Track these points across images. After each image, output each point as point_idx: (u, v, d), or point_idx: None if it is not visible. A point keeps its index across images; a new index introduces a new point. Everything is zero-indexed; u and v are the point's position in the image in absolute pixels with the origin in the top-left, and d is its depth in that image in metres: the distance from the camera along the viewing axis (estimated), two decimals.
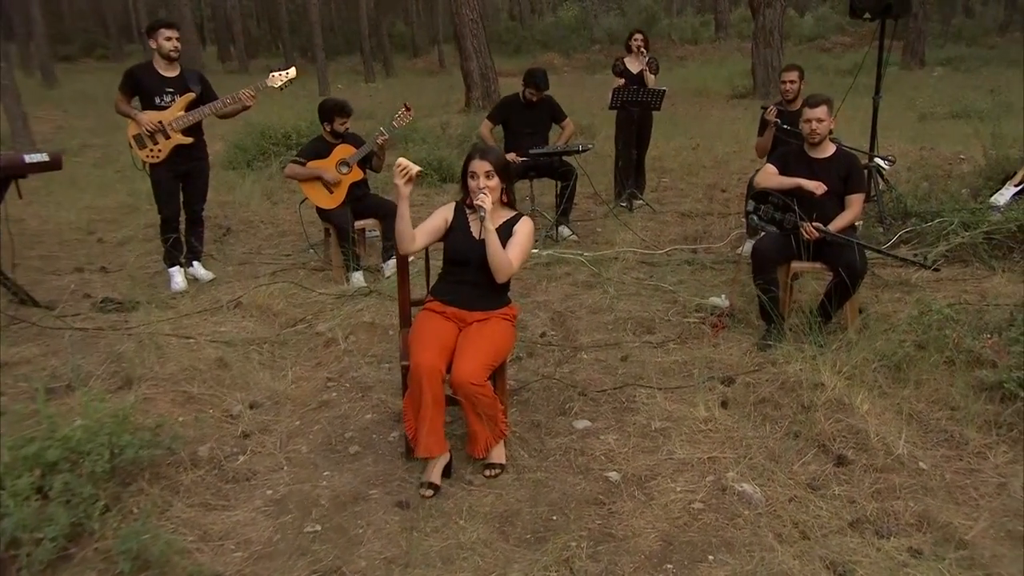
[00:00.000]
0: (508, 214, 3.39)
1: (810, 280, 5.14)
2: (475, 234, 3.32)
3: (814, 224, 4.30)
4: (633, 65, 7.48)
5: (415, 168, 3.12)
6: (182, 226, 5.73)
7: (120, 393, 3.87)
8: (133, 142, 5.28)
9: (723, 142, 10.73)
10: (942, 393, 3.68)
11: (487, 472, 3.22)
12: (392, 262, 5.88)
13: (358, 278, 5.68)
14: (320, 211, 5.89)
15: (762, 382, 3.93)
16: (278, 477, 3.26)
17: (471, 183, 3.25)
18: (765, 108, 5.98)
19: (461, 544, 2.79)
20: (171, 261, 5.67)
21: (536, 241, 6.35)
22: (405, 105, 6.13)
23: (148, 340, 4.47)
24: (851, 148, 6.11)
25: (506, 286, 3.39)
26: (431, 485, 3.10)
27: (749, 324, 4.67)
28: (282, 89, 5.67)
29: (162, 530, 2.82)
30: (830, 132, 4.56)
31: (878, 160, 6.34)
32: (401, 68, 30.12)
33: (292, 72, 5.63)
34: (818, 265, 4.44)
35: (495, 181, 3.27)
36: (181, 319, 4.91)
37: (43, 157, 5.14)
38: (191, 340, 4.55)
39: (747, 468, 3.21)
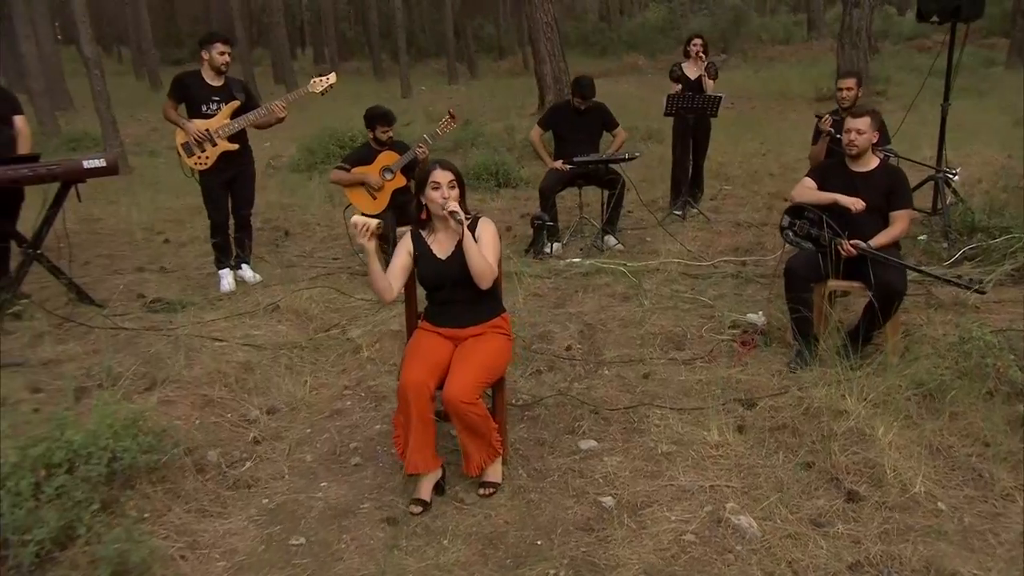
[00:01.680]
0: (466, 221, 3.35)
1: (858, 299, 4.89)
2: (439, 255, 3.28)
3: (852, 241, 4.09)
4: (691, 71, 7.30)
5: (373, 223, 3.11)
6: (232, 230, 5.90)
7: (146, 394, 4.00)
8: (181, 150, 5.46)
9: (794, 148, 10.34)
10: (977, 427, 3.43)
11: (481, 491, 3.18)
12: None
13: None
14: (366, 216, 5.95)
15: (784, 407, 3.75)
16: (277, 486, 3.31)
17: (434, 193, 3.21)
18: (820, 117, 5.73)
19: (439, 565, 2.76)
20: (220, 263, 5.85)
21: (580, 251, 6.29)
22: (450, 113, 6.15)
23: (183, 342, 4.61)
24: (912, 161, 5.84)
25: (495, 294, 3.35)
26: (420, 502, 3.08)
27: (784, 344, 4.48)
28: (323, 94, 5.78)
29: (154, 536, 2.91)
30: (881, 146, 4.33)
31: (944, 171, 6.00)
32: (486, 70, 30.29)
33: (332, 77, 5.73)
34: (856, 284, 4.22)
35: (457, 191, 3.24)
36: (218, 321, 5.05)
37: (100, 162, 5.37)
38: (224, 343, 4.67)
39: (750, 500, 3.07)
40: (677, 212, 7.32)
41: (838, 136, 5.45)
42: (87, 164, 5.31)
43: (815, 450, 3.37)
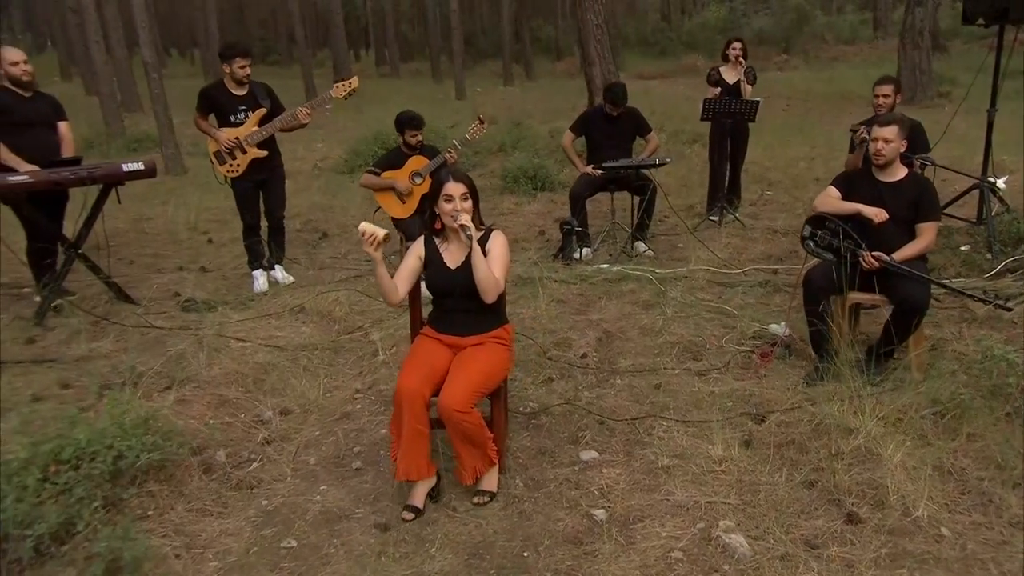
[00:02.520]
0: (479, 233, 3.34)
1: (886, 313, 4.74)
2: (450, 264, 3.30)
3: (874, 253, 3.97)
4: (730, 75, 7.19)
5: (381, 232, 3.12)
6: (265, 232, 6.03)
7: (165, 393, 4.11)
8: (214, 159, 5.61)
9: (844, 153, 10.04)
10: (993, 450, 3.30)
11: (475, 499, 3.19)
12: None
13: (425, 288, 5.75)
14: (394, 220, 6.03)
15: (795, 422, 3.66)
16: (278, 488, 3.37)
17: (446, 206, 3.23)
18: (855, 131, 5.56)
19: (423, 573, 2.78)
20: (253, 264, 5.99)
21: (609, 256, 6.25)
22: (479, 119, 6.18)
23: (208, 342, 4.73)
24: (949, 169, 5.64)
25: (499, 305, 3.35)
26: (412, 508, 3.11)
27: (805, 357, 4.38)
28: (346, 99, 5.87)
29: (152, 534, 3.00)
30: (920, 153, 4.19)
31: (991, 179, 5.77)
32: (543, 71, 30.30)
33: (355, 82, 5.81)
34: (878, 297, 4.09)
35: (469, 203, 3.24)
36: (245, 322, 5.16)
37: (139, 166, 5.55)
38: (247, 343, 4.78)
39: (745, 517, 3.01)
40: (713, 218, 7.21)
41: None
42: (126, 168, 5.50)
43: (820, 468, 3.28)
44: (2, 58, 5.42)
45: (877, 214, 4.01)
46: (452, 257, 3.31)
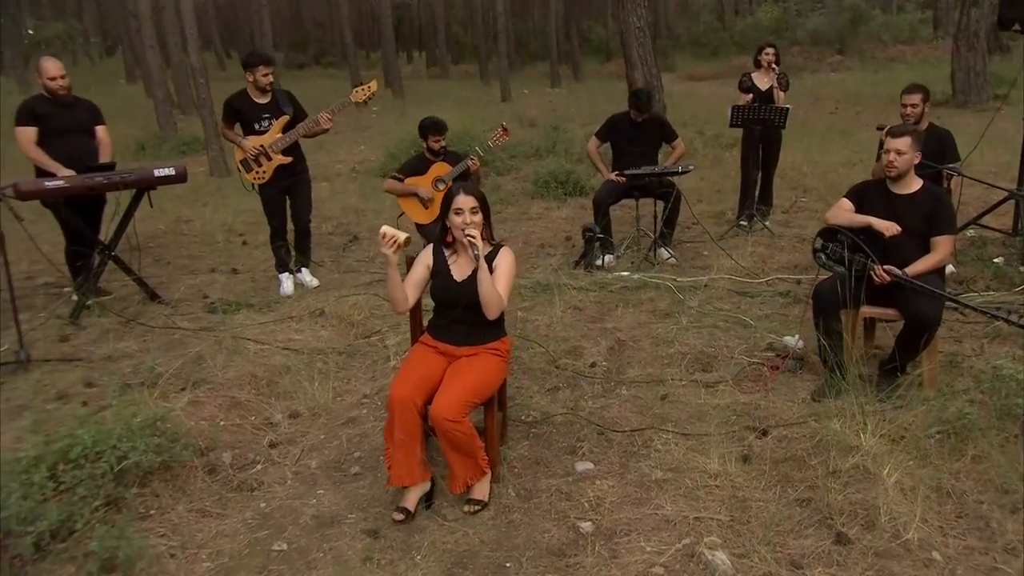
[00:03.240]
0: (488, 248, 3.36)
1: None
2: (456, 277, 3.33)
3: (886, 267, 3.89)
4: (762, 81, 7.10)
5: (402, 236, 3.16)
6: (292, 236, 6.16)
7: (181, 394, 4.24)
8: (241, 167, 5.75)
9: None
10: (998, 472, 3.21)
11: (466, 508, 3.22)
12: None
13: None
14: (417, 225, 6.11)
15: (797, 438, 3.62)
16: (277, 490, 3.45)
17: (456, 219, 3.26)
18: (882, 128, 5.45)
19: None
20: (281, 267, 6.12)
21: (631, 264, 6.22)
22: (503, 127, 6.21)
23: (228, 344, 4.85)
24: (978, 180, 5.48)
25: (499, 319, 3.37)
26: (403, 509, 3.15)
27: (817, 370, 4.31)
28: (366, 103, 5.95)
29: (151, 534, 3.10)
30: (948, 163, 4.08)
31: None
32: (592, 72, 30.21)
33: (373, 86, 5.88)
34: (890, 312, 4.01)
35: (479, 217, 3.27)
36: (267, 324, 5.28)
37: (170, 171, 5.73)
38: (265, 346, 4.89)
39: (733, 534, 2.99)
40: (742, 224, 7.12)
41: None
42: (158, 173, 5.68)
43: (815, 486, 3.23)
44: (41, 71, 5.64)
45: (888, 227, 3.93)
46: (459, 270, 3.34)
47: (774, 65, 7.02)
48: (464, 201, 3.24)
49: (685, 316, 5.15)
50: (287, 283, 6.08)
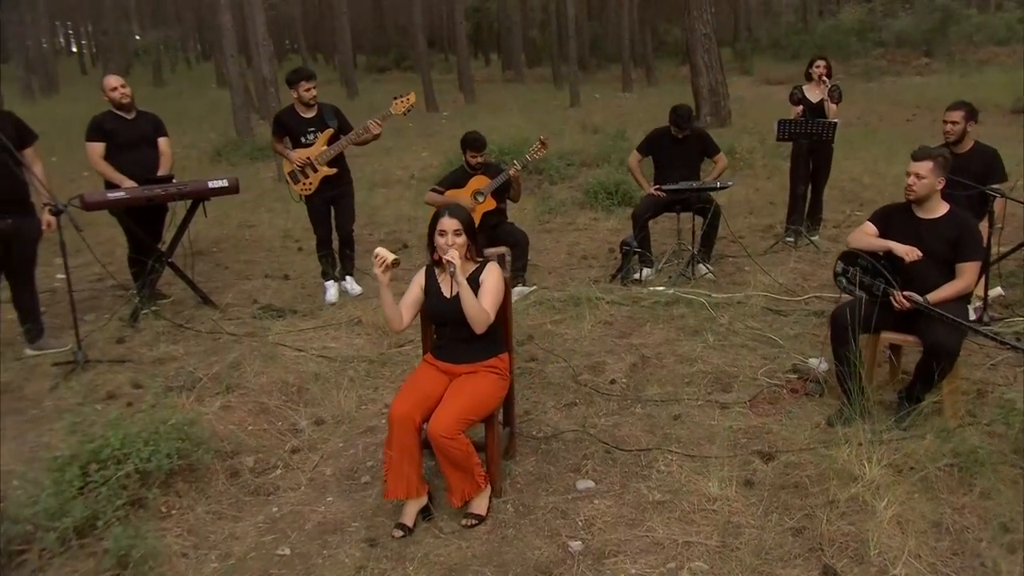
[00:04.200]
0: (473, 266, 3.47)
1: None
2: (446, 293, 3.44)
3: (905, 293, 3.83)
4: (813, 94, 7.00)
5: (391, 257, 3.31)
6: (336, 245, 6.40)
7: (216, 398, 4.47)
8: (288, 178, 6.01)
9: None
10: (1003, 509, 3.14)
11: (464, 521, 3.33)
12: (519, 288, 6.09)
13: None
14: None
15: (804, 464, 3.60)
16: (290, 496, 3.62)
17: (439, 240, 3.38)
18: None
19: None
20: (326, 275, 6.36)
21: (669, 278, 6.22)
22: (541, 140, 6.29)
23: (266, 350, 5.08)
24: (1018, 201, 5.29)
25: (495, 335, 3.47)
26: (402, 526, 3.28)
27: (838, 394, 4.25)
28: (405, 114, 6.11)
29: (168, 533, 3.30)
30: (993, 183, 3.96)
31: None
32: (667, 75, 29.93)
33: (412, 97, 6.06)
34: (910, 338, 3.94)
35: (463, 238, 3.38)
36: (307, 331, 5.50)
37: (223, 183, 6.02)
38: (302, 353, 5.11)
39: (720, 560, 3.01)
40: (788, 239, 7.02)
41: None
42: (211, 184, 5.98)
43: (813, 515, 3.22)
44: (104, 85, 6.02)
45: (908, 252, 3.86)
46: (448, 287, 3.46)
47: (825, 78, 6.90)
48: (448, 223, 3.36)
49: (713, 334, 5.14)
50: (331, 291, 6.31)
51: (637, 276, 6.30)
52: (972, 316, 5.13)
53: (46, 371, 5.07)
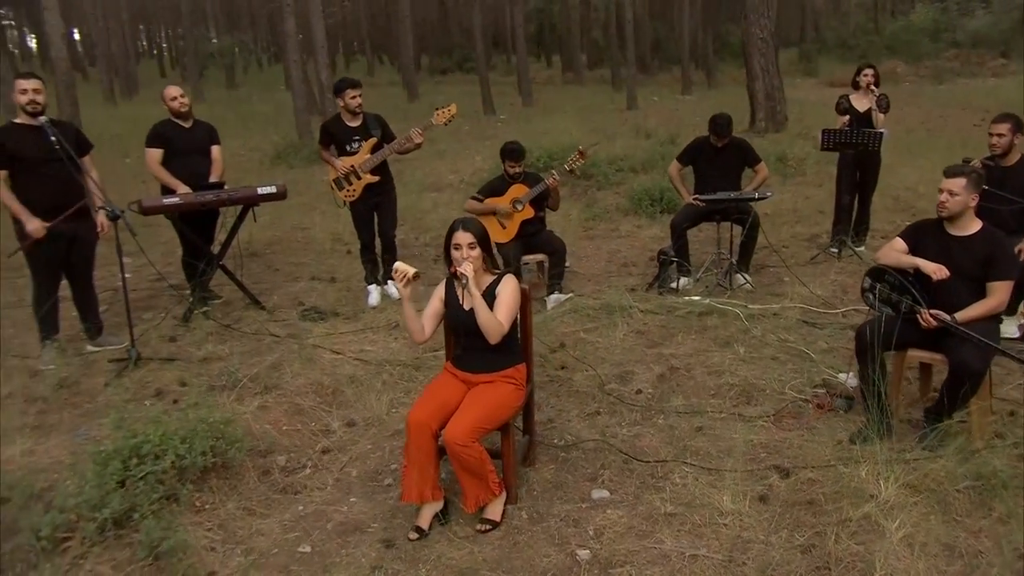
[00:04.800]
0: (491, 278, 3.56)
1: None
2: (464, 305, 3.54)
3: (932, 311, 3.79)
4: (861, 103, 6.89)
5: (411, 271, 3.43)
6: (379, 250, 6.57)
7: (255, 398, 4.67)
8: (333, 185, 6.21)
9: None
10: (1020, 535, 3.10)
11: (478, 527, 3.43)
12: (556, 295, 6.17)
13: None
14: (496, 244, 6.36)
15: (822, 481, 3.60)
16: (316, 495, 3.78)
17: (455, 253, 3.48)
18: (968, 161, 5.21)
19: None
20: (369, 279, 6.55)
21: (706, 288, 6.21)
22: (580, 150, 6.35)
23: (306, 352, 5.28)
24: None
25: (512, 346, 3.56)
26: (418, 529, 3.40)
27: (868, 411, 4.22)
28: (446, 125, 6.24)
29: (200, 527, 3.48)
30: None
31: None
32: (729, 78, 29.50)
33: (453, 108, 6.18)
34: (938, 356, 3.90)
35: (477, 251, 3.47)
36: (347, 334, 5.68)
37: (272, 189, 6.26)
38: (339, 356, 5.28)
39: (726, 575, 3.05)
40: (833, 250, 6.94)
41: (984, 187, 4.98)
42: (260, 191, 6.22)
43: (823, 533, 3.23)
44: (165, 95, 6.30)
45: (936, 270, 3.82)
46: (467, 298, 3.56)
47: (873, 87, 6.79)
48: (462, 237, 3.47)
49: (744, 345, 5.13)
50: (374, 295, 6.48)
51: (674, 285, 6.31)
52: (1016, 333, 5.03)
53: (103, 367, 5.35)
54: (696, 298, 5.99)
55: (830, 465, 3.72)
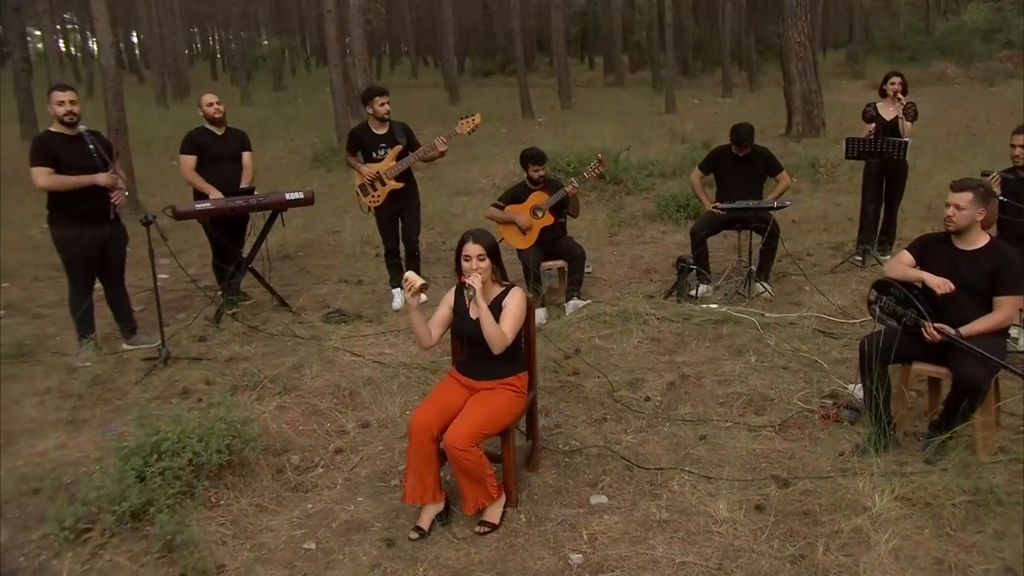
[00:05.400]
0: (499, 289, 3.65)
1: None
2: (472, 314, 3.64)
3: (936, 325, 3.79)
4: (887, 111, 6.84)
5: (419, 282, 3.55)
6: (403, 254, 6.72)
7: (275, 398, 4.84)
8: (359, 191, 6.38)
9: None
10: (1012, 551, 3.10)
11: (477, 529, 3.53)
12: (574, 301, 6.25)
13: (541, 315, 6.15)
14: (517, 251, 6.46)
15: (818, 492, 3.63)
16: (325, 494, 3.92)
17: (465, 265, 3.58)
18: (987, 175, 5.17)
19: None
20: (393, 283, 6.70)
21: (724, 295, 6.24)
22: (599, 158, 6.43)
23: (326, 354, 5.44)
24: None
25: (515, 355, 3.66)
26: (418, 528, 3.51)
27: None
28: (470, 134, 6.36)
29: (213, 522, 3.64)
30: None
31: None
32: (772, 80, 29.16)
33: (477, 119, 6.31)
34: (943, 370, 3.89)
35: (487, 263, 3.57)
36: (368, 337, 5.83)
37: (299, 195, 6.45)
38: (359, 358, 5.43)
39: None
40: (856, 259, 6.89)
41: (1002, 199, 4.96)
42: (288, 196, 6.41)
43: (814, 544, 3.26)
44: (202, 101, 6.54)
45: (941, 284, 3.82)
46: (474, 308, 3.67)
47: (900, 95, 6.74)
48: (472, 248, 3.57)
49: (757, 354, 5.16)
50: (397, 298, 6.63)
51: (693, 292, 6.34)
52: None
53: (135, 365, 5.58)
54: (714, 306, 6.01)
55: (828, 476, 3.74)
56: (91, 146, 5.33)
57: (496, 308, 3.61)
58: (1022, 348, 5.04)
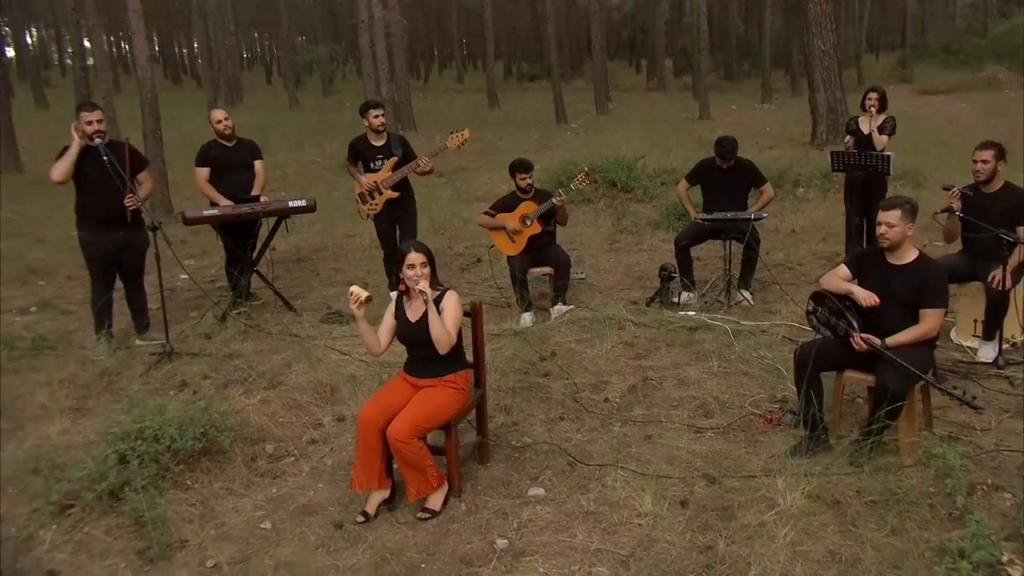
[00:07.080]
0: (435, 293, 3.95)
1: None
2: (411, 318, 3.95)
3: (863, 335, 3.98)
4: (865, 125, 6.97)
5: (364, 295, 3.87)
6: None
7: (262, 392, 5.20)
8: (358, 199, 6.75)
9: None
10: (902, 548, 3.29)
11: (418, 515, 3.83)
12: (559, 306, 6.51)
13: (527, 319, 6.44)
14: (508, 257, 6.75)
15: (742, 489, 3.85)
16: (290, 480, 4.26)
17: (408, 272, 3.89)
18: (948, 188, 5.29)
19: (338, 565, 3.50)
20: (392, 287, 7.05)
21: (705, 303, 6.43)
22: (585, 171, 6.68)
23: (316, 352, 5.79)
24: None
25: (456, 354, 3.96)
26: (363, 513, 3.83)
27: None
28: (459, 148, 6.67)
29: (184, 503, 4.01)
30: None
31: None
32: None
33: (466, 133, 6.63)
34: (870, 378, 4.07)
35: (428, 269, 3.87)
36: (357, 337, 6.16)
37: (303, 202, 6.84)
38: (346, 357, 5.78)
39: (623, 568, 3.36)
40: None
41: (959, 214, 5.09)
42: (291, 203, 6.81)
43: (725, 536, 3.49)
44: (211, 118, 6.99)
45: (866, 297, 4.01)
46: (413, 312, 3.99)
47: (873, 108, 6.86)
48: (415, 257, 3.88)
49: (720, 360, 5.35)
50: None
51: (676, 299, 6.55)
52: (991, 358, 5.09)
53: (144, 359, 6.01)
54: (691, 313, 6.21)
55: (754, 476, 3.95)
56: (104, 158, 5.78)
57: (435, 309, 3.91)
58: (981, 359, 5.15)
